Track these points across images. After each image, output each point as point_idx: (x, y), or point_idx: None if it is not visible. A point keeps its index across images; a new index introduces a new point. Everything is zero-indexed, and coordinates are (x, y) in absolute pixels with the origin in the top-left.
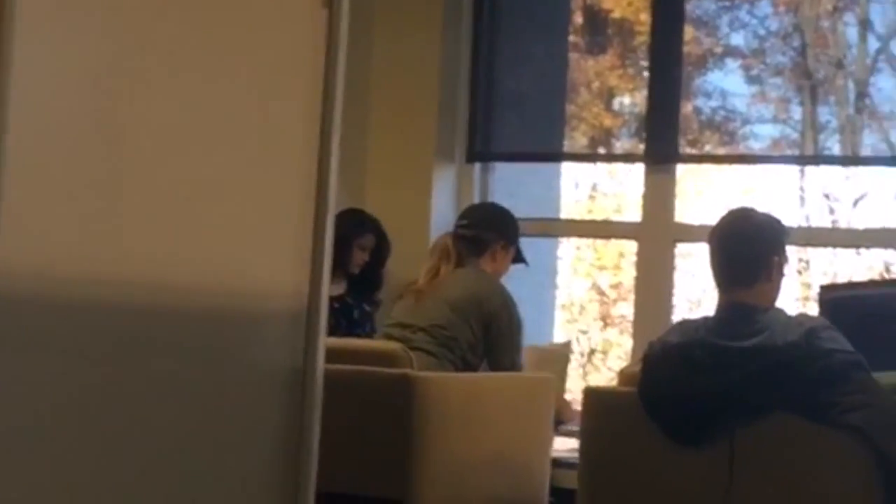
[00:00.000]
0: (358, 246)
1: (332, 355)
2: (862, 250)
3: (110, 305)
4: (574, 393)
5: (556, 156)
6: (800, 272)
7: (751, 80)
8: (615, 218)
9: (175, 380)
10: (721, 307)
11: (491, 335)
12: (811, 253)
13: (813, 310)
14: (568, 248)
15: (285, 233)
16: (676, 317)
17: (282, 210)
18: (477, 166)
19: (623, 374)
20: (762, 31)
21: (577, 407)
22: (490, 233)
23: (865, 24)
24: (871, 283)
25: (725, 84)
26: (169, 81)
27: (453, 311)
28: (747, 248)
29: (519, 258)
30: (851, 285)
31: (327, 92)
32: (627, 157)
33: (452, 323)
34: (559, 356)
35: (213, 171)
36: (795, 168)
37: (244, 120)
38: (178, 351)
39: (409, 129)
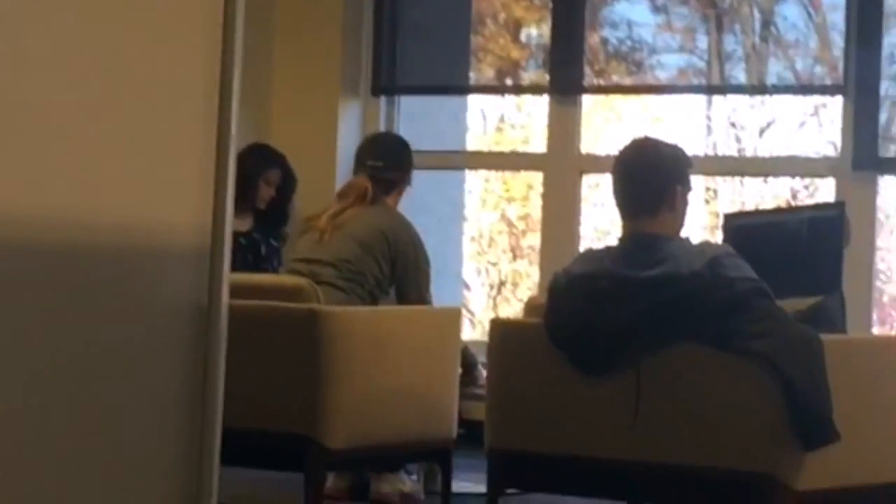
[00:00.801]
0: (264, 181)
1: (238, 291)
2: (769, 178)
3: (6, 242)
4: (485, 326)
5: (463, 88)
6: (707, 201)
7: (657, 9)
8: (523, 150)
9: (75, 317)
10: (625, 237)
11: (398, 270)
12: (719, 182)
13: (720, 238)
14: (476, 181)
15: (187, 168)
16: (583, 247)
17: (183, 145)
18: (382, 99)
19: (529, 306)
20: None
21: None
22: (400, 171)
23: None
24: (776, 211)
25: (631, 14)
26: (63, 11)
27: (360, 246)
28: (650, 176)
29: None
30: (756, 213)
31: (228, 24)
32: (534, 89)
33: (360, 258)
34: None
35: (111, 105)
36: (702, 97)
37: (143, 52)
38: (78, 288)
39: (314, 62)
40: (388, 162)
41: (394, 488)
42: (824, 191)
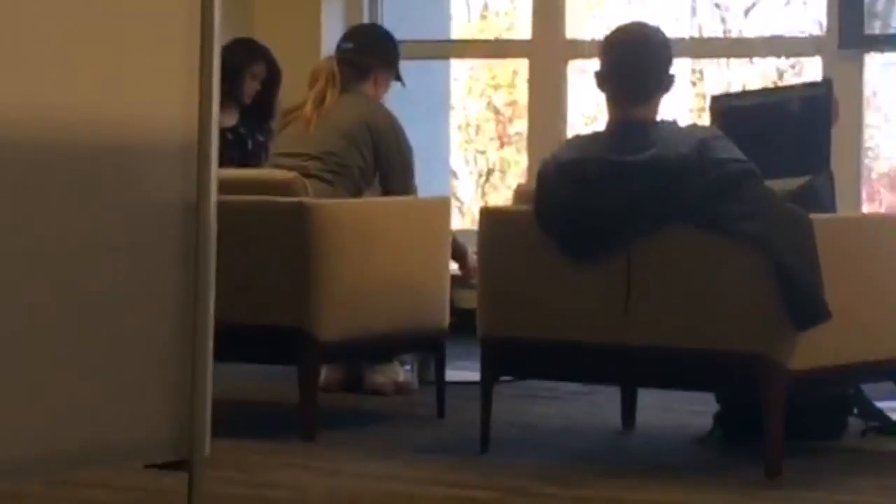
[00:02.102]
0: (249, 75)
1: (226, 186)
2: (755, 59)
3: None
4: (474, 214)
5: None
6: (693, 83)
7: None
8: (507, 37)
9: (64, 217)
10: (613, 122)
11: (381, 160)
12: (704, 63)
13: (707, 121)
14: (462, 69)
15: (171, 64)
16: (570, 133)
17: (166, 41)
18: None
19: (518, 192)
20: None
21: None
22: (373, 57)
23: None
24: (763, 91)
25: None
26: None
27: (344, 137)
28: (640, 62)
29: (397, 78)
30: (743, 94)
31: None
32: None
33: (344, 149)
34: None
35: (94, 4)
36: None
37: None
38: (66, 187)
39: None
40: (357, 45)
41: (388, 378)
42: (811, 70)
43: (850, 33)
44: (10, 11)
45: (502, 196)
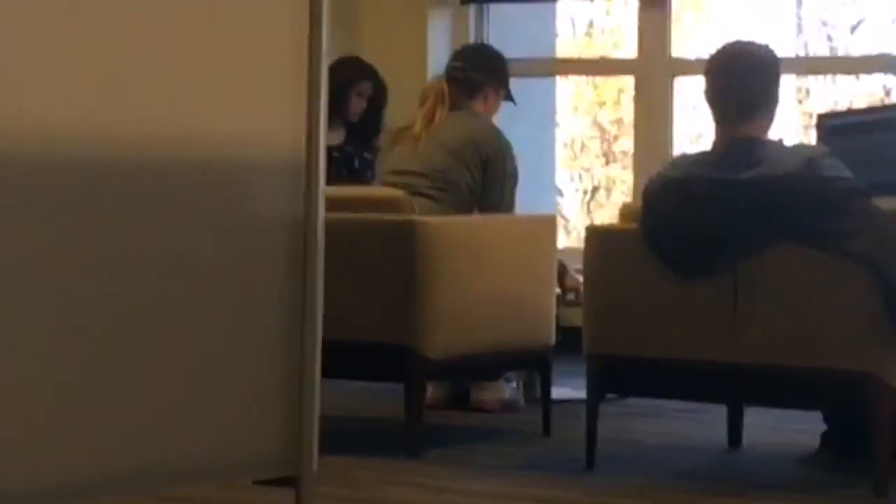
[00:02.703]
0: (356, 93)
1: (334, 204)
2: (861, 76)
3: (111, 164)
4: (579, 232)
5: None
6: (799, 101)
7: None
8: (613, 55)
9: (177, 236)
10: (720, 140)
11: (487, 177)
12: (810, 81)
13: (813, 139)
14: (567, 87)
15: (280, 83)
16: (676, 151)
17: (275, 60)
18: (471, 7)
19: (624, 211)
20: None
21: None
22: (482, 74)
23: None
24: (869, 109)
25: None
26: None
27: (451, 154)
28: (748, 80)
29: (508, 97)
30: (849, 112)
31: None
32: None
33: (452, 167)
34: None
35: (205, 25)
36: None
37: None
38: (179, 207)
39: None
40: (467, 63)
41: (494, 396)
42: None
43: None
44: (120, 30)
45: (607, 214)
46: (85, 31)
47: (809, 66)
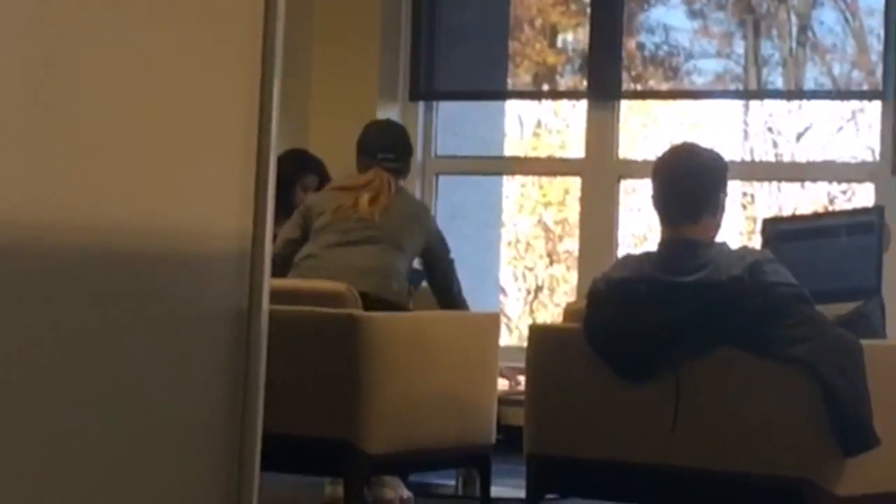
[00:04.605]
0: (301, 186)
1: (277, 296)
2: (806, 183)
3: (48, 249)
4: (521, 331)
5: (500, 94)
6: (744, 206)
7: (693, 14)
8: (559, 155)
9: (117, 322)
10: (665, 242)
11: (430, 257)
12: (756, 187)
13: (757, 244)
14: (513, 186)
15: (228, 173)
16: (621, 252)
17: (224, 150)
18: (420, 105)
19: (568, 311)
20: None
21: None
22: (406, 161)
23: None
24: (814, 216)
25: (668, 19)
26: (105, 18)
27: (407, 219)
28: (693, 184)
29: None
30: (794, 218)
31: (268, 29)
32: (571, 94)
33: (406, 229)
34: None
35: (153, 111)
36: (739, 103)
37: (183, 59)
38: (121, 293)
39: (352, 67)
40: (398, 154)
41: (395, 493)
42: (862, 196)
43: None
44: (69, 122)
45: (550, 314)
46: (28, 118)
47: (755, 171)
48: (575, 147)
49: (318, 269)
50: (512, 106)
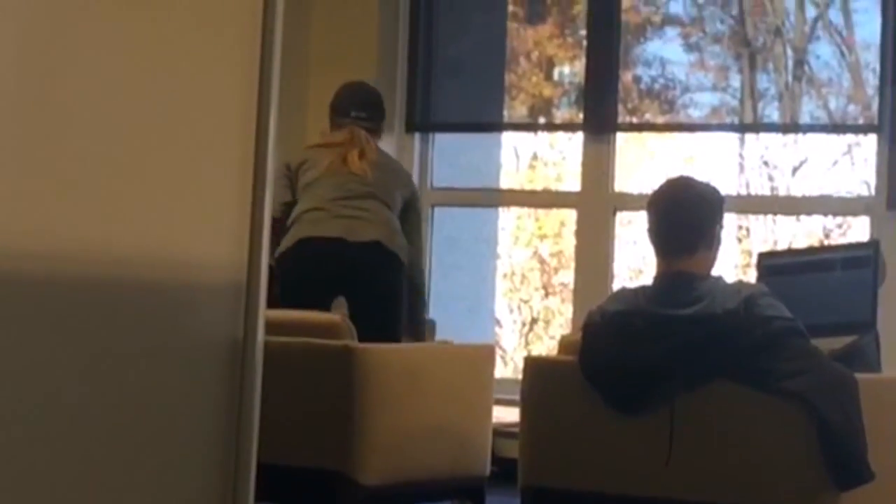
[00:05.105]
0: None
1: (272, 327)
2: (802, 217)
3: (43, 279)
4: (517, 363)
5: (496, 126)
6: (740, 240)
7: (689, 48)
8: (555, 187)
9: (112, 354)
10: (660, 275)
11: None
12: (751, 220)
13: (752, 277)
14: (509, 218)
15: (223, 204)
16: (617, 285)
17: (220, 181)
18: (416, 136)
19: (563, 343)
20: None
21: None
22: (381, 123)
23: None
24: (810, 250)
25: (664, 52)
26: (98, 44)
27: (386, 173)
28: (689, 216)
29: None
30: (789, 252)
31: (265, 61)
32: (567, 127)
33: (388, 184)
34: None
35: (148, 142)
36: (735, 136)
37: (179, 90)
38: (114, 323)
39: None
40: (371, 114)
41: None
42: (857, 230)
43: None
44: (62, 148)
45: (545, 346)
46: (23, 146)
47: (750, 204)
48: (571, 179)
49: (324, 220)
50: (508, 138)
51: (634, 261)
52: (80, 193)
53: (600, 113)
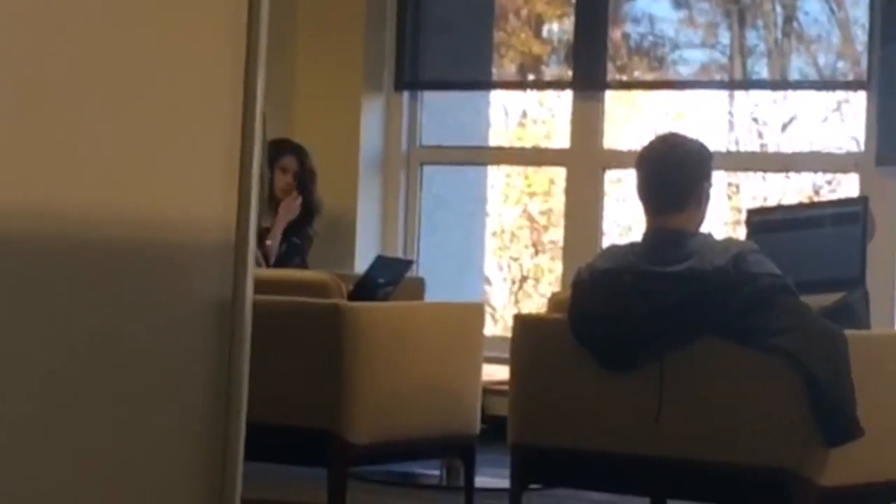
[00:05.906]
0: (279, 169)
1: (262, 286)
2: (791, 174)
3: (31, 240)
4: (506, 321)
5: (485, 84)
6: (729, 196)
7: (678, 4)
8: (545, 145)
9: (102, 313)
10: (649, 232)
11: None
12: (741, 177)
13: (742, 234)
14: (498, 176)
15: (211, 164)
16: (606, 242)
17: (207, 141)
18: (405, 95)
19: (553, 301)
20: None
21: None
22: None
23: None
24: (799, 206)
25: (653, 9)
26: (89, 13)
27: None
28: (678, 173)
29: None
30: (778, 208)
31: (252, 19)
32: (556, 84)
33: None
34: None
35: (136, 103)
36: (724, 93)
37: (168, 50)
38: (104, 283)
39: (337, 58)
40: None
41: None
42: (847, 186)
43: (887, 150)
44: (50, 112)
45: (535, 304)
46: (12, 105)
47: (740, 161)
48: (560, 137)
49: None
50: (497, 96)
51: (624, 218)
52: (67, 155)
53: (589, 70)
